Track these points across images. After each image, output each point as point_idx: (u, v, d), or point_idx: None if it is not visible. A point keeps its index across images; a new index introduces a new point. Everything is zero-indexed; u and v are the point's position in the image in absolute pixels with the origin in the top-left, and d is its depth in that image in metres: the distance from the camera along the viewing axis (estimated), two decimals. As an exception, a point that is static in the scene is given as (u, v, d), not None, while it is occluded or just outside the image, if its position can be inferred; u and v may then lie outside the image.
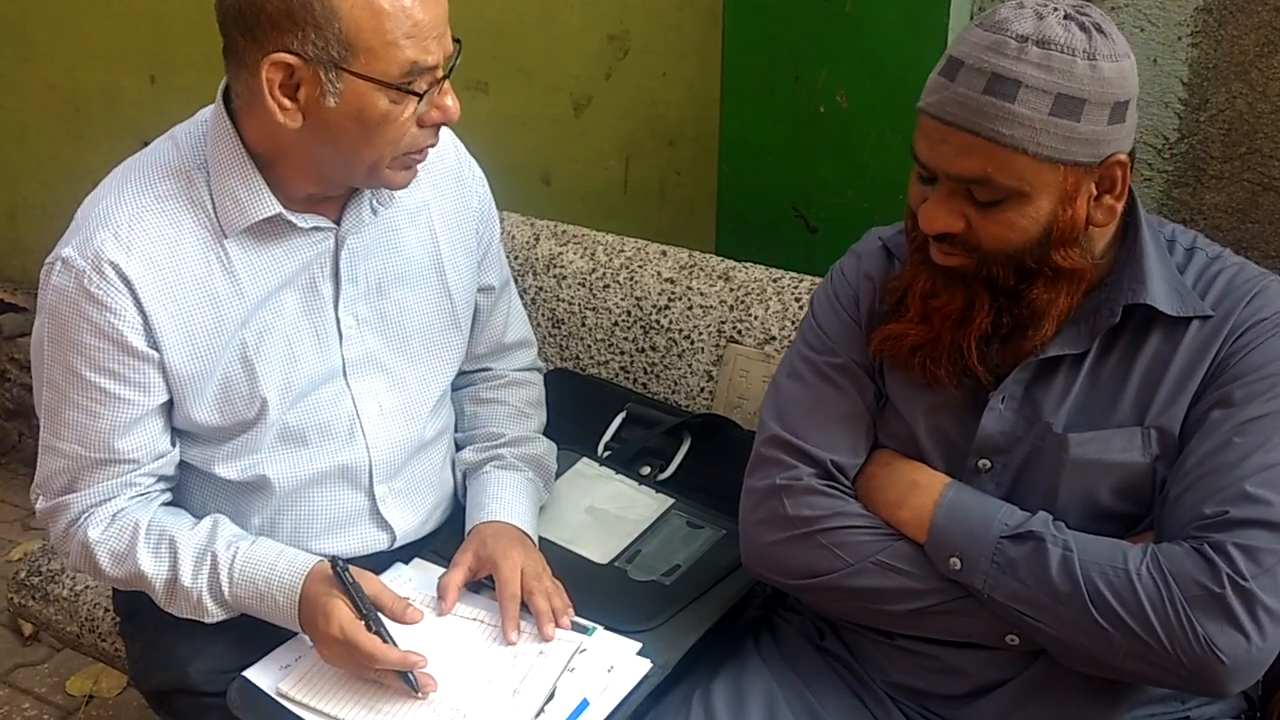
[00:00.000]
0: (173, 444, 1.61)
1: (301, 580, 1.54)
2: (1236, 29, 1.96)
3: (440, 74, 1.47)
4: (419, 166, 1.55)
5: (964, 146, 1.32)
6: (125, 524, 1.58)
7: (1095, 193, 1.35)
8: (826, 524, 1.46)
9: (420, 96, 1.45)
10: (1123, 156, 1.34)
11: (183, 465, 1.64)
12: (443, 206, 1.73)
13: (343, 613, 1.50)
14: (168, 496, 1.65)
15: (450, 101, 1.49)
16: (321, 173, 1.52)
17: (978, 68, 1.30)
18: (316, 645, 1.54)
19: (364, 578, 1.54)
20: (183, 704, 1.64)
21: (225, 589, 1.56)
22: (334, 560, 1.53)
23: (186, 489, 1.68)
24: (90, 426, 1.54)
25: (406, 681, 1.50)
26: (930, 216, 1.37)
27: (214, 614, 1.59)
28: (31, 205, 3.41)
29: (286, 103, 1.43)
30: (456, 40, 1.48)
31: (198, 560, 1.57)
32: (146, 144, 1.61)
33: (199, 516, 1.63)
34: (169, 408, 1.58)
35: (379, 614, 1.52)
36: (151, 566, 1.57)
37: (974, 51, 1.31)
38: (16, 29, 3.23)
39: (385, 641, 1.49)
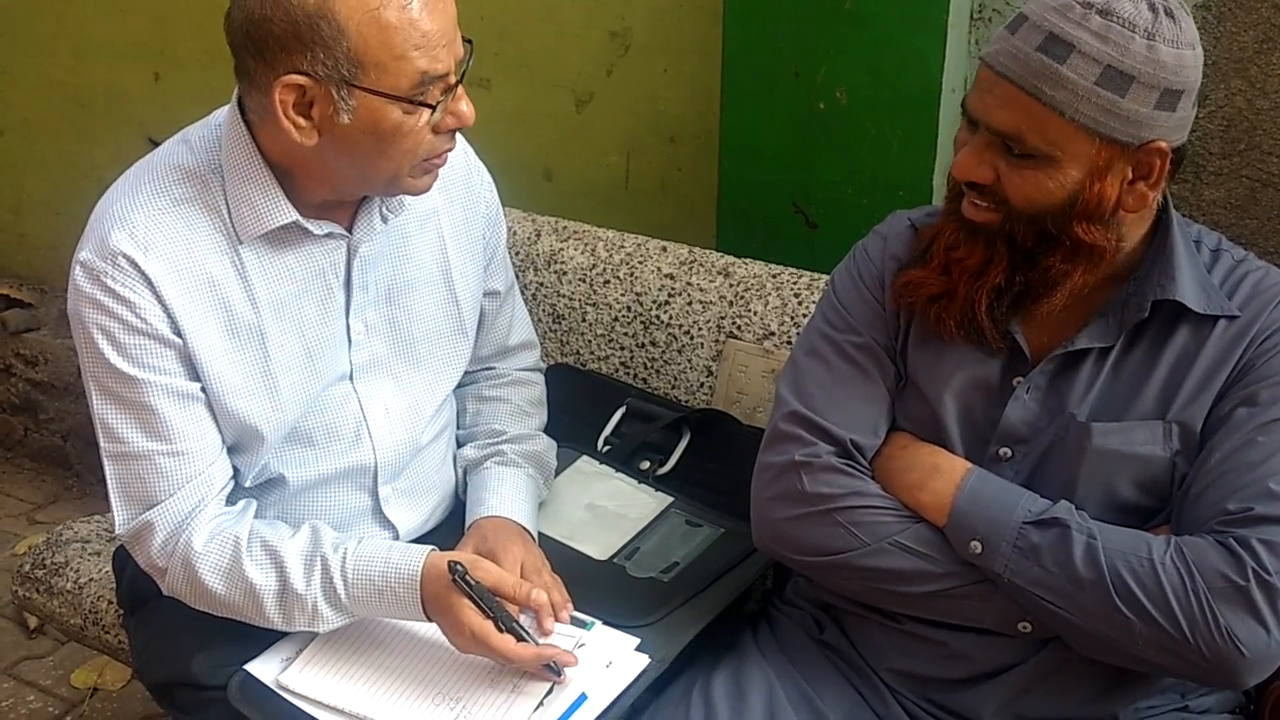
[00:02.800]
0: (222, 437, 1.58)
1: (419, 570, 1.53)
2: (1235, 25, 1.96)
3: (453, 80, 1.46)
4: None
5: (1006, 98, 1.34)
6: (225, 539, 1.55)
7: (1130, 176, 1.36)
8: (845, 503, 1.46)
9: (433, 107, 1.44)
10: (1164, 145, 1.34)
11: None
12: (451, 213, 1.73)
13: (470, 616, 1.50)
14: (252, 504, 1.62)
15: (465, 106, 1.48)
16: (339, 183, 1.52)
17: (1038, 24, 1.33)
18: (450, 639, 1.54)
19: (480, 569, 1.53)
20: (185, 697, 1.64)
21: (341, 591, 1.54)
22: (450, 565, 1.51)
23: None
24: (146, 421, 1.51)
25: (549, 669, 1.52)
26: (963, 163, 1.39)
27: (330, 620, 1.56)
28: (36, 201, 3.42)
29: (301, 121, 1.43)
30: (468, 41, 1.47)
31: (307, 566, 1.55)
32: (152, 140, 1.61)
33: None
34: (206, 398, 1.55)
35: (504, 608, 1.52)
36: (260, 578, 1.54)
37: (1040, 10, 1.34)
38: (21, 25, 3.24)
39: (519, 638, 1.50)
